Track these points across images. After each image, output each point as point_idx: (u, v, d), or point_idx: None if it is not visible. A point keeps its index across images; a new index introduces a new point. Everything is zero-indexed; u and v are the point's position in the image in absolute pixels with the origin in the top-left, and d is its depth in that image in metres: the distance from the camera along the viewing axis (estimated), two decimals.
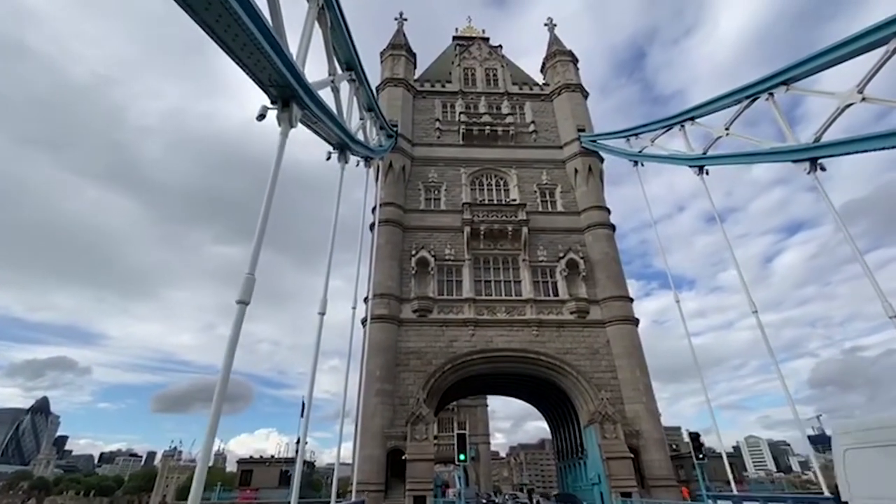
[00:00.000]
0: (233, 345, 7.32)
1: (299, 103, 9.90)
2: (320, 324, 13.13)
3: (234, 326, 7.44)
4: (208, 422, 6.59)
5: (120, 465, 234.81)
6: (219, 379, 6.94)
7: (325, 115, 12.86)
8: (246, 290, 7.69)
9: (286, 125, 9.56)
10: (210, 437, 6.58)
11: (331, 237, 15.11)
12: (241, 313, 7.62)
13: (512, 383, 37.03)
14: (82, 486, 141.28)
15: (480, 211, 36.84)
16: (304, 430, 11.73)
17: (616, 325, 32.99)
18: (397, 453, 27.87)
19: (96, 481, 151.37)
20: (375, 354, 30.35)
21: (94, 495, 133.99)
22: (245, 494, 30.77)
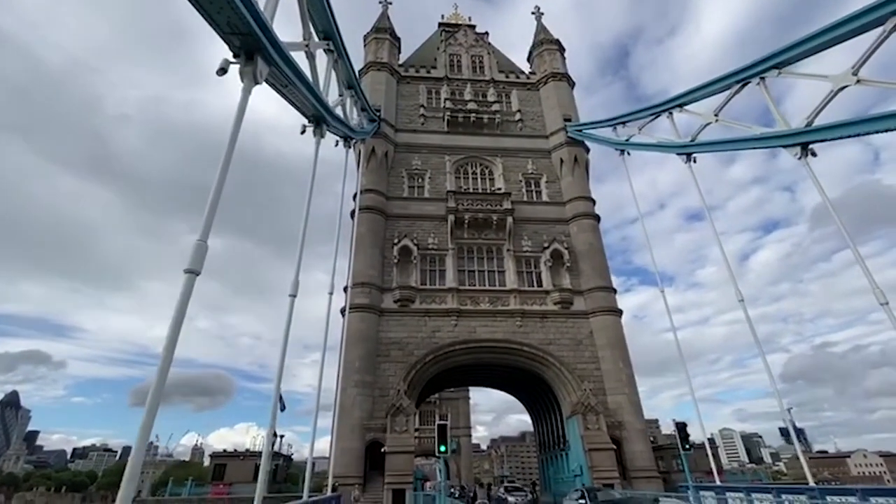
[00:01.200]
0: (179, 319, 6.40)
1: (265, 57, 8.89)
2: (291, 306, 12.22)
3: (181, 298, 6.51)
4: (144, 412, 5.67)
5: (94, 460, 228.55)
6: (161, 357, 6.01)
7: (299, 80, 11.84)
8: (196, 258, 6.75)
9: (249, 80, 8.55)
10: (145, 429, 5.67)
11: (304, 215, 14.12)
12: (190, 284, 6.70)
13: (495, 374, 36.58)
14: (53, 481, 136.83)
15: (465, 199, 36.06)
16: (272, 421, 10.83)
17: (600, 315, 32.73)
18: (377, 446, 27.11)
19: (68, 477, 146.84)
20: (355, 345, 29.41)
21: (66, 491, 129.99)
22: (218, 489, 29.61)
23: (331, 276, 19.65)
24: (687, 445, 16.37)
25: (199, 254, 6.73)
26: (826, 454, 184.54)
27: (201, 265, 6.75)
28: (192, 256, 6.70)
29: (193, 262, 6.67)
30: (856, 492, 14.86)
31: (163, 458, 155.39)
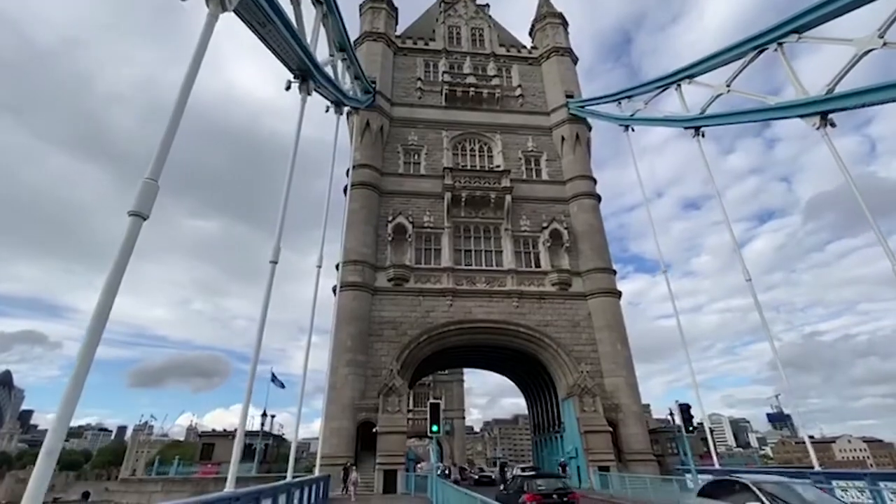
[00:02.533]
0: (120, 266, 5.39)
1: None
2: (271, 273, 11.24)
3: (124, 244, 5.49)
4: (63, 393, 4.69)
5: (89, 439, 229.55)
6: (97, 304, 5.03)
7: (281, 22, 10.61)
8: (144, 199, 5.72)
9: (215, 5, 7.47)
10: (65, 411, 4.69)
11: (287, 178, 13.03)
12: (136, 229, 5.68)
13: (490, 356, 35.97)
14: None
15: (462, 177, 34.88)
16: (247, 397, 9.95)
17: (598, 297, 31.99)
18: (368, 426, 26.47)
19: (63, 455, 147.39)
20: (347, 323, 28.54)
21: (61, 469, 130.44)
22: (206, 469, 29.03)
23: (319, 249, 18.62)
24: (691, 427, 15.76)
25: (147, 194, 5.70)
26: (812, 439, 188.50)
27: (149, 208, 5.73)
28: (139, 197, 5.67)
29: (140, 202, 5.65)
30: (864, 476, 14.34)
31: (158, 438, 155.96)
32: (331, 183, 20.45)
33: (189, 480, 22.22)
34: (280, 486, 12.73)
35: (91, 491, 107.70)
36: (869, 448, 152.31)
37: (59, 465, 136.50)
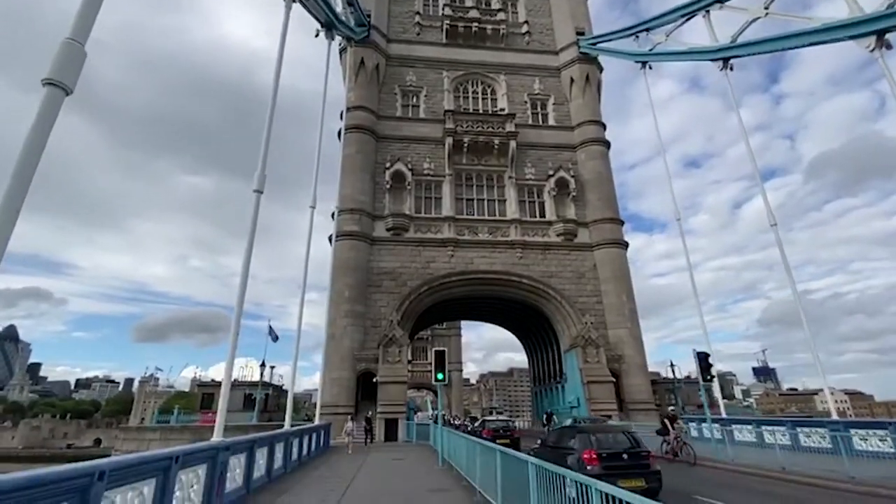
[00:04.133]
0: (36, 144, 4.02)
1: None
2: (256, 203, 9.90)
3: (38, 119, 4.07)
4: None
5: (97, 390, 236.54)
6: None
7: None
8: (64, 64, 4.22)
9: None
10: None
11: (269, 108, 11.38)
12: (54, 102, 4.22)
13: (491, 308, 35.37)
14: (58, 409, 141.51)
15: (464, 121, 32.71)
16: (232, 344, 8.90)
17: (605, 248, 30.89)
18: (369, 376, 26.12)
19: (72, 405, 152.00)
20: (344, 274, 27.53)
21: (72, 418, 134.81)
22: (206, 417, 29.00)
23: (313, 188, 17.13)
24: (709, 376, 15.17)
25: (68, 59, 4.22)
26: (796, 391, 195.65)
27: (73, 79, 4.28)
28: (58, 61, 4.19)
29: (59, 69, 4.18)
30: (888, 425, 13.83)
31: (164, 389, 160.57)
32: (324, 105, 18.63)
33: (188, 428, 21.99)
34: (277, 434, 12.06)
35: (102, 437, 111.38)
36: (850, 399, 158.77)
37: (71, 415, 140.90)
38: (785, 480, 11.11)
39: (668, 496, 8.66)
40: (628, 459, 8.64)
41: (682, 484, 10.70)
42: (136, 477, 5.56)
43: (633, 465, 8.59)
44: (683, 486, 10.40)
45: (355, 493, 9.42)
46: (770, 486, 10.79)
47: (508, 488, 6.66)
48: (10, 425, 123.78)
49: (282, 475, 11.80)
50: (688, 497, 9.45)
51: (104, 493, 4.81)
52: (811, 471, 11.28)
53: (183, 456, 6.47)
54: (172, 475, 6.17)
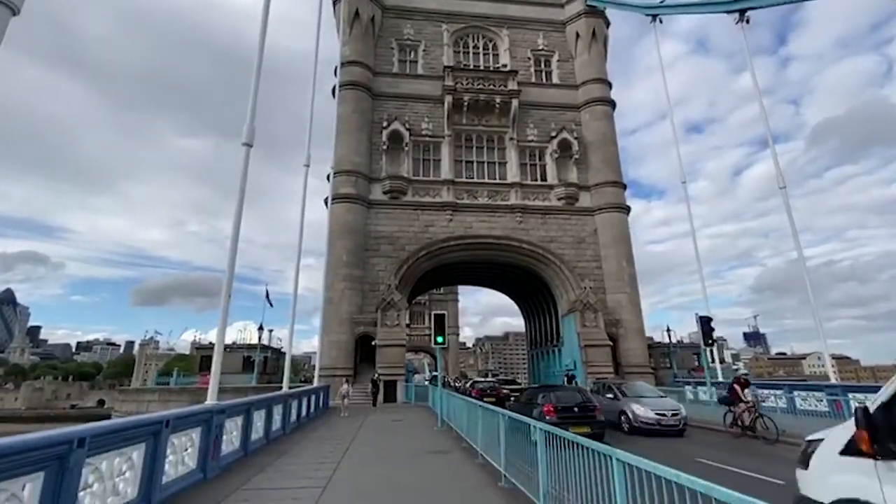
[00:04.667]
0: None
1: None
2: (245, 158, 9.23)
3: None
4: None
5: (98, 353, 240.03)
6: None
7: None
8: None
9: None
10: None
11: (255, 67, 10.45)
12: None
13: (490, 273, 35.15)
14: (60, 371, 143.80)
15: (465, 78, 31.27)
16: (223, 307, 8.48)
17: (606, 212, 30.36)
18: (367, 339, 26.11)
19: (74, 367, 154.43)
20: (341, 237, 26.99)
21: (75, 380, 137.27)
22: (205, 379, 29.12)
23: (306, 145, 16.29)
24: (710, 340, 15.03)
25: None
26: (784, 355, 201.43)
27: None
28: None
29: None
30: None
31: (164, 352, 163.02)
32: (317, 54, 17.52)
33: (186, 390, 22.08)
34: (275, 396, 11.90)
35: (105, 399, 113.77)
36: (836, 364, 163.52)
37: (73, 377, 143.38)
38: None
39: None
40: (578, 412, 11.30)
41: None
42: (125, 442, 5.24)
43: (582, 415, 11.15)
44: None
45: (354, 454, 9.30)
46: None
47: (511, 451, 6.45)
48: (12, 387, 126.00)
49: (280, 437, 11.72)
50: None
51: (86, 460, 4.48)
52: None
53: (174, 420, 6.16)
54: (164, 439, 5.87)
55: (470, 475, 7.40)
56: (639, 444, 10.96)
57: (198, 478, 6.94)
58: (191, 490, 6.50)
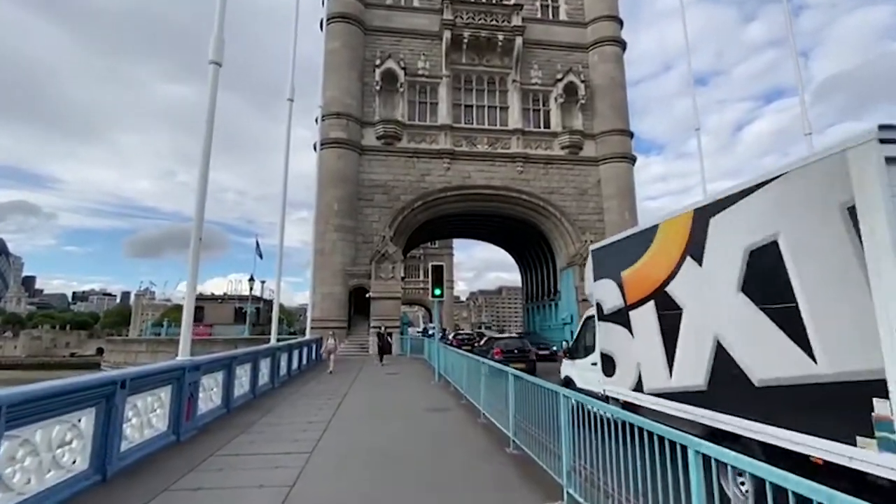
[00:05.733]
0: None
1: None
2: (213, 78, 7.85)
3: None
4: None
5: (94, 303, 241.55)
6: None
7: None
8: None
9: None
10: None
11: None
12: None
13: (487, 225, 34.12)
14: (57, 321, 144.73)
15: (465, 11, 28.63)
16: (193, 250, 7.43)
17: (611, 162, 28.97)
18: (361, 291, 25.45)
19: (71, 317, 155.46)
20: (332, 185, 25.59)
21: (72, 329, 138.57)
22: (198, 330, 28.70)
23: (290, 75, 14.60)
24: None
25: None
26: None
27: None
28: None
29: None
30: None
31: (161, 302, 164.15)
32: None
33: (174, 341, 21.47)
34: (261, 349, 11.17)
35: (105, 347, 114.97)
36: None
37: (71, 326, 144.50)
38: None
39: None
40: (517, 354, 16.73)
41: None
42: (67, 408, 4.38)
43: (520, 356, 16.48)
44: None
45: (346, 412, 8.67)
46: None
47: (522, 415, 5.71)
48: (10, 336, 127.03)
49: (268, 391, 11.12)
50: None
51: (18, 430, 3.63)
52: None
53: (132, 380, 5.29)
54: (119, 402, 5.03)
55: (473, 438, 6.75)
56: None
57: (169, 440, 6.22)
58: (159, 455, 5.76)
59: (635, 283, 6.55)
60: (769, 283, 4.26)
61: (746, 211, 4.54)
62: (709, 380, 4.94)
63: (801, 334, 3.91)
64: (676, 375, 5.50)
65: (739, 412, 4.50)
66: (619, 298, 6.96)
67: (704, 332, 5.03)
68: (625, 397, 6.63)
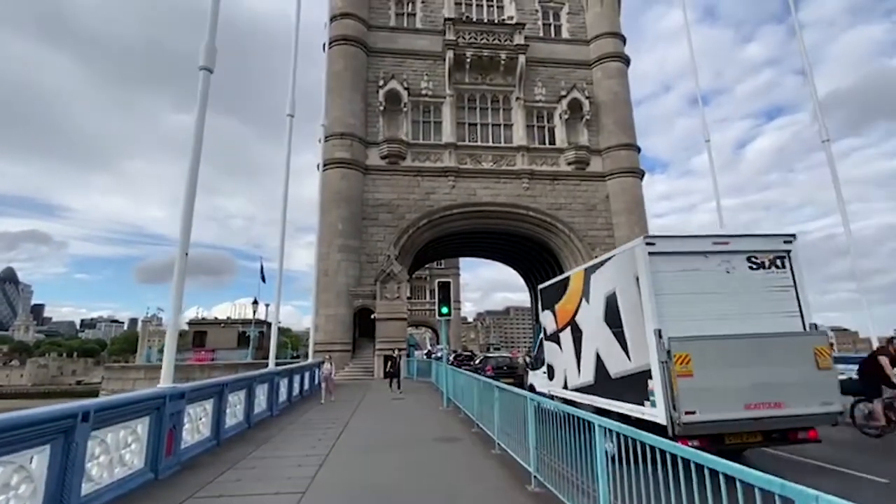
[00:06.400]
0: None
1: None
2: (205, 83, 7.46)
3: None
4: None
5: (102, 330, 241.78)
6: None
7: None
8: None
9: None
10: None
11: None
12: None
13: (494, 243, 33.50)
14: (64, 348, 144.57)
15: (467, 31, 28.80)
16: (178, 269, 6.88)
17: (619, 177, 28.47)
18: (366, 312, 24.74)
19: (79, 344, 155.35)
20: (336, 205, 25.26)
21: (78, 356, 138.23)
22: (200, 355, 28.06)
23: (290, 91, 14.35)
24: None
25: None
26: None
27: None
28: None
29: None
30: None
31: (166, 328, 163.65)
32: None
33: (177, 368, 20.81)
34: (258, 375, 10.47)
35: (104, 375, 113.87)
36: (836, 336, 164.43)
37: (78, 353, 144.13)
38: None
39: None
40: (506, 370, 18.86)
41: None
42: (14, 446, 3.74)
43: (509, 372, 18.34)
44: None
45: (347, 443, 7.90)
46: None
47: (544, 447, 4.98)
48: (17, 364, 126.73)
49: (266, 420, 10.37)
50: None
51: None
52: None
53: (98, 412, 4.64)
54: (80, 437, 4.37)
55: (487, 473, 5.96)
56: None
57: (146, 479, 5.51)
58: (131, 497, 5.06)
59: (561, 313, 9.15)
60: (613, 315, 6.85)
61: (603, 273, 7.39)
62: (594, 377, 7.58)
63: (625, 345, 6.58)
64: (582, 376, 8.09)
65: (607, 396, 7.15)
66: (553, 324, 9.62)
67: (591, 347, 7.70)
68: (560, 394, 8.94)
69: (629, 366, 6.33)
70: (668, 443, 2.80)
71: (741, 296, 6.06)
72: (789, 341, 5.84)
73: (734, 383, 5.53)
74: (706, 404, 5.40)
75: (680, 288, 5.96)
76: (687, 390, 5.40)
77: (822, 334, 6.20)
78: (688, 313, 5.84)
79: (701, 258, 6.13)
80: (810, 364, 5.73)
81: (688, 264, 6.09)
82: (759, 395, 5.55)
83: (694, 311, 5.87)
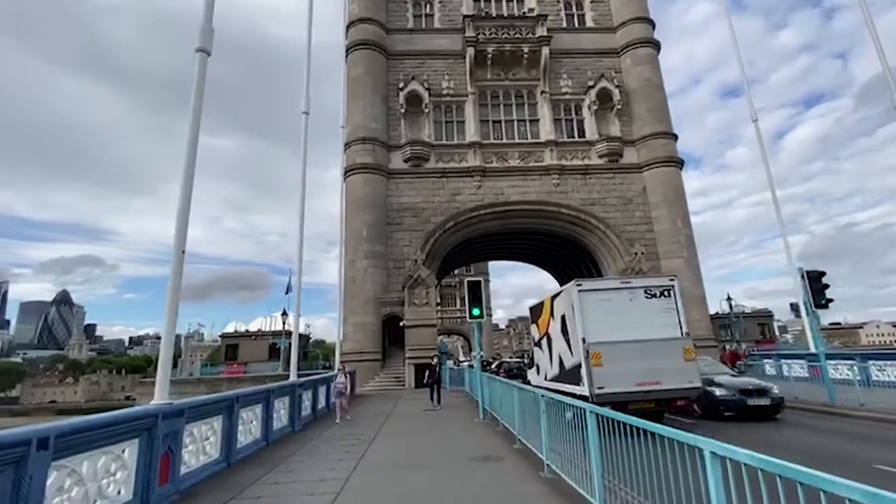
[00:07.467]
0: None
1: None
2: (201, 66, 6.82)
3: None
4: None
5: (149, 346, 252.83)
6: None
7: None
8: None
9: None
10: None
11: None
12: None
13: (525, 244, 32.14)
14: (114, 365, 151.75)
15: (488, 27, 27.93)
16: (173, 282, 6.16)
17: (656, 168, 26.70)
18: (395, 320, 23.92)
19: (127, 361, 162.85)
20: (361, 211, 24.70)
21: (126, 373, 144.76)
22: (231, 369, 27.97)
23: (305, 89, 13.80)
24: (824, 300, 11.68)
25: None
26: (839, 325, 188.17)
27: None
28: None
29: None
30: None
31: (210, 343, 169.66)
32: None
33: (203, 381, 20.66)
34: (277, 387, 9.69)
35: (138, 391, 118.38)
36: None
37: (126, 370, 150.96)
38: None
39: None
40: (516, 371, 23.76)
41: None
42: None
43: (518, 374, 21.68)
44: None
45: (371, 464, 6.92)
46: None
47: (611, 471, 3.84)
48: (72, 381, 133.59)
49: (286, 436, 9.55)
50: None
51: None
52: None
53: (60, 437, 3.83)
54: (35, 470, 3.56)
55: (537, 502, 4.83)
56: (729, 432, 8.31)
57: None
58: None
59: (541, 326, 12.37)
60: (564, 328, 10.26)
61: (559, 301, 10.87)
62: (559, 370, 10.83)
63: (570, 347, 9.97)
64: (552, 370, 11.37)
65: (564, 381, 10.21)
66: (537, 334, 13.06)
67: (556, 350, 11.02)
68: (543, 385, 10.83)
69: (572, 361, 9.83)
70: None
71: (640, 315, 9.24)
72: (666, 343, 9.06)
73: (629, 369, 8.74)
74: (611, 382, 8.72)
75: (599, 311, 9.27)
76: (599, 374, 8.79)
77: (688, 339, 9.26)
78: (603, 327, 9.06)
79: (613, 292, 9.58)
80: (680, 357, 9.05)
81: (604, 296, 9.52)
82: (646, 376, 8.82)
83: (608, 326, 9.08)
